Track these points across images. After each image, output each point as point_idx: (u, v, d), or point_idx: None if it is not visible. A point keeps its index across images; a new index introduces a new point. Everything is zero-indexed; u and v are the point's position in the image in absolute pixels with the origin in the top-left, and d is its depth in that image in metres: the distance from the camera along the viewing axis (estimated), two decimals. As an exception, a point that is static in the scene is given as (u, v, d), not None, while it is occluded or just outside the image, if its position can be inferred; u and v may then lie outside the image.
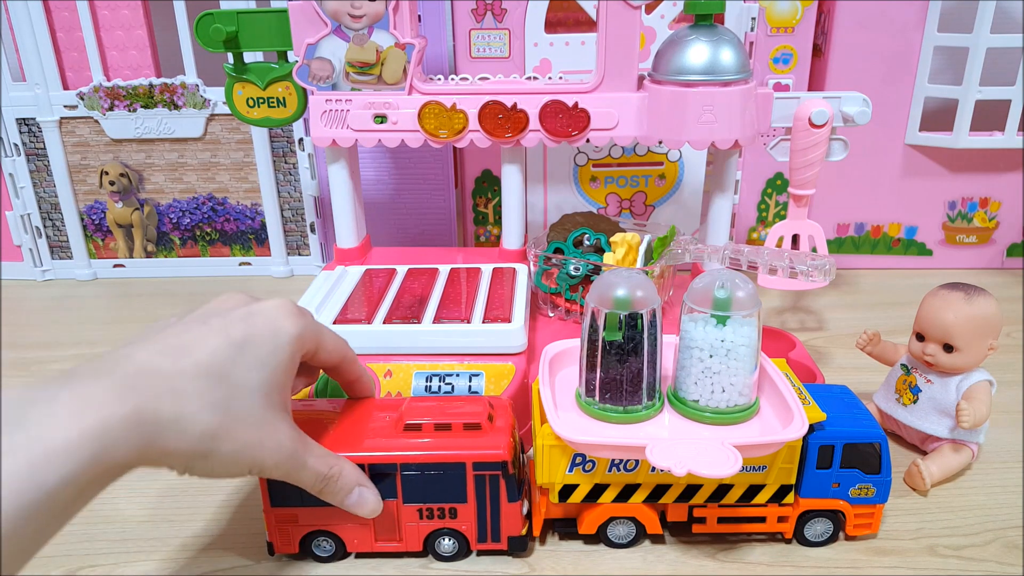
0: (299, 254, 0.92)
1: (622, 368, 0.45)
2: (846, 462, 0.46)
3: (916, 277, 0.88)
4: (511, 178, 0.69)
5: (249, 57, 0.69)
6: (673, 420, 0.47)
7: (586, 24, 0.79)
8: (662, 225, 0.68)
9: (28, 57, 0.82)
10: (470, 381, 0.55)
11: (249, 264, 0.92)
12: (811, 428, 0.44)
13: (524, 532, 0.46)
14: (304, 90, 0.67)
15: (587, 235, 0.64)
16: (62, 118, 0.85)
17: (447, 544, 0.46)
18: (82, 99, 0.84)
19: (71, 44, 0.84)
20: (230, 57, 0.67)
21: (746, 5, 0.78)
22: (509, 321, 0.56)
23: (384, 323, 0.57)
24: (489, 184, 0.87)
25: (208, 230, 0.91)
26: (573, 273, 0.63)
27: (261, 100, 0.68)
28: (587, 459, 0.45)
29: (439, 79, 0.67)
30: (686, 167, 0.83)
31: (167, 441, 0.34)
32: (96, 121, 0.85)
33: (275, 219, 0.89)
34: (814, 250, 0.67)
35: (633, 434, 0.45)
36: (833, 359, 0.71)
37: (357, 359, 0.47)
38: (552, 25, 0.78)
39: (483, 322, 0.56)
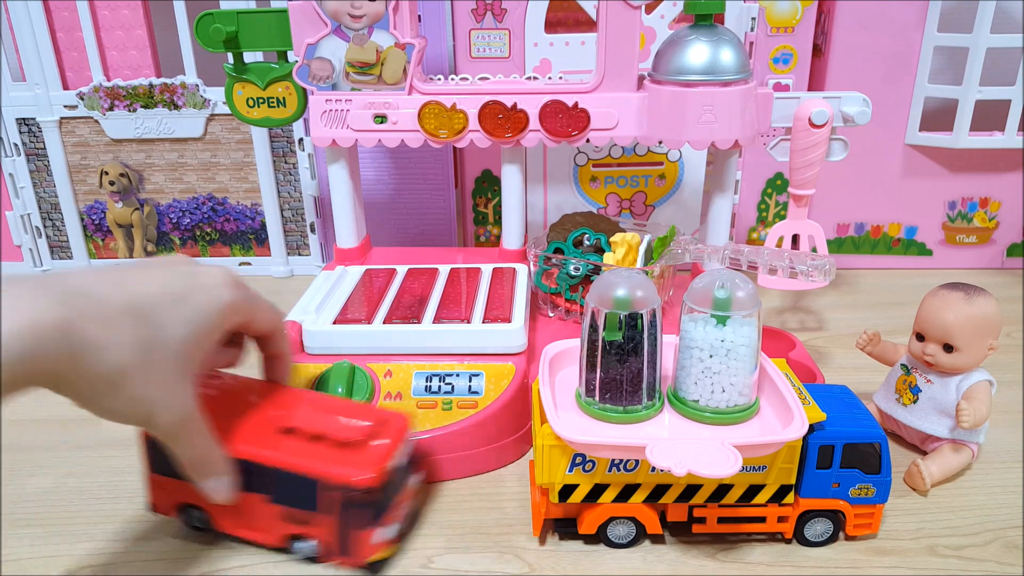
0: (299, 254, 0.92)
1: (622, 368, 0.45)
2: (846, 462, 0.46)
3: (916, 277, 0.88)
4: (511, 178, 0.69)
5: (249, 57, 0.69)
6: (673, 420, 0.47)
7: (586, 24, 0.79)
8: (662, 225, 0.68)
9: (28, 57, 0.82)
10: (470, 381, 0.55)
11: (249, 264, 0.92)
12: (811, 428, 0.44)
13: (380, 557, 0.45)
14: (304, 90, 0.67)
15: (587, 235, 0.64)
16: (62, 118, 0.85)
17: (304, 547, 0.45)
18: (82, 99, 0.84)
19: (71, 44, 0.84)
20: (230, 57, 0.67)
21: (746, 5, 0.78)
22: (509, 321, 0.56)
23: (384, 323, 0.57)
24: (489, 184, 0.87)
25: (208, 230, 0.91)
26: (573, 273, 0.63)
27: (261, 100, 0.68)
28: (587, 459, 0.45)
29: (439, 79, 0.67)
30: (686, 167, 0.83)
31: (85, 363, 0.35)
32: (96, 121, 0.85)
33: (275, 219, 0.89)
34: (814, 250, 0.67)
35: (633, 434, 0.45)
36: (833, 359, 0.71)
37: (287, 338, 0.49)
38: (552, 25, 0.78)
39: (483, 322, 0.56)
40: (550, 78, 0.68)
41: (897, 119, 0.83)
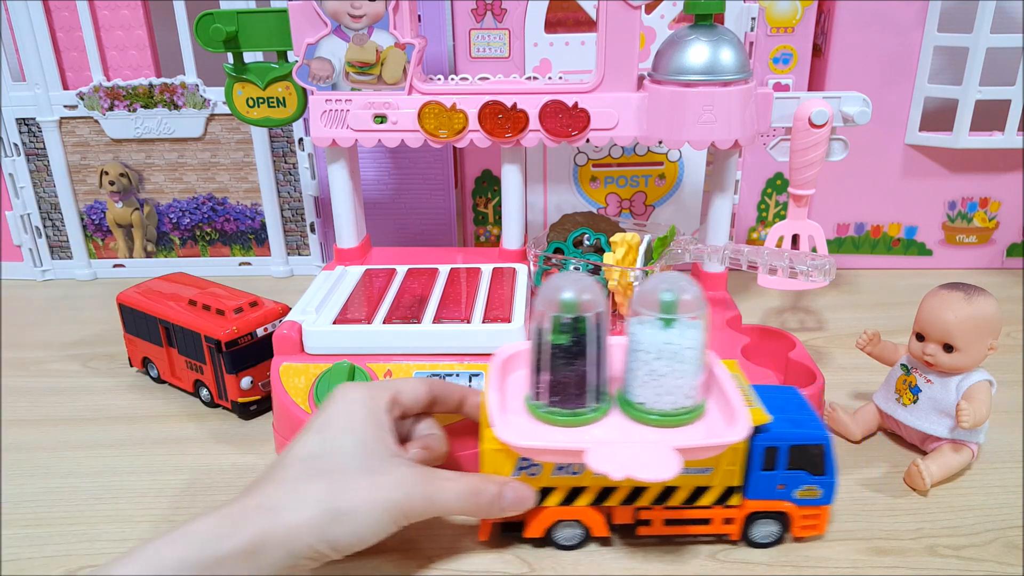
0: (299, 254, 0.92)
1: (568, 371, 0.45)
2: (792, 463, 0.45)
3: (916, 277, 0.88)
4: (511, 178, 0.69)
5: (249, 57, 0.69)
6: (620, 423, 0.46)
7: (586, 24, 0.79)
8: (662, 225, 0.68)
9: (28, 57, 0.82)
10: (470, 381, 0.55)
11: (249, 264, 0.92)
12: (757, 430, 0.44)
13: (244, 401, 0.61)
14: (304, 90, 0.67)
15: (587, 235, 0.64)
16: (62, 118, 0.85)
17: (205, 393, 0.63)
18: (82, 99, 0.84)
19: (71, 44, 0.84)
20: (230, 57, 0.67)
21: (746, 5, 0.78)
22: (509, 321, 0.56)
23: (384, 323, 0.57)
24: (489, 184, 0.87)
25: (208, 230, 0.91)
26: (573, 273, 0.63)
27: (261, 100, 0.68)
28: (532, 463, 0.45)
29: (439, 79, 0.67)
30: (686, 167, 0.83)
31: (285, 519, 0.40)
32: (96, 121, 0.85)
33: (275, 219, 0.89)
34: (814, 250, 0.67)
35: (574, 438, 0.44)
36: (833, 359, 0.71)
37: (447, 388, 0.50)
38: (552, 25, 0.78)
39: (483, 322, 0.56)
40: (550, 78, 0.68)
41: (897, 119, 0.83)
